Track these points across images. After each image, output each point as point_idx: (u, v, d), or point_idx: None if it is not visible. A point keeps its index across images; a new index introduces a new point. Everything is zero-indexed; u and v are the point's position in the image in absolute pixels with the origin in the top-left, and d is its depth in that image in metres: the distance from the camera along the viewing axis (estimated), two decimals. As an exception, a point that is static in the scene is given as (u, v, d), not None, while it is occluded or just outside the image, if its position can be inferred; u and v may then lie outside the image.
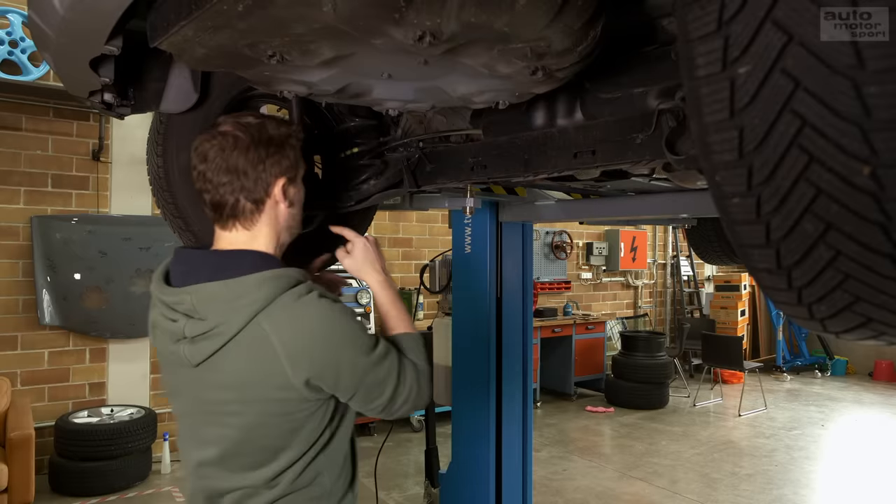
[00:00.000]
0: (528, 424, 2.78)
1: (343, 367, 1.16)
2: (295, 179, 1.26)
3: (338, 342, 1.16)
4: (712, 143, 0.65)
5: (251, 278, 1.14)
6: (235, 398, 1.17)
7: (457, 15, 0.79)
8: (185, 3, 0.91)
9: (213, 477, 1.24)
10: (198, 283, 1.16)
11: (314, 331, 1.14)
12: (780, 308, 0.75)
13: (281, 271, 1.17)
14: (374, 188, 1.72)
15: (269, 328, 1.12)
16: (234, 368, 1.15)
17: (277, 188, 1.22)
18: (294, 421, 1.18)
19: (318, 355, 1.14)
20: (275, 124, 1.23)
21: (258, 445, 1.20)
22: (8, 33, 4.38)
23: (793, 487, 4.80)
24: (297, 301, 1.15)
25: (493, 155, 1.47)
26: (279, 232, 1.26)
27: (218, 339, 1.14)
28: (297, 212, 1.29)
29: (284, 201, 1.24)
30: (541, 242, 7.75)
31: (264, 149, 1.19)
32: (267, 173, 1.20)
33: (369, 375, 1.19)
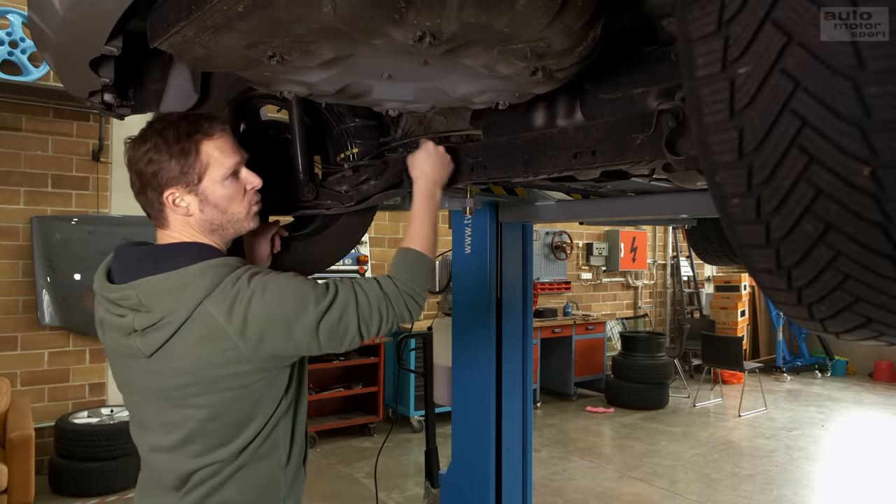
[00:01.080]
0: (528, 425, 2.77)
1: (292, 329, 1.19)
2: (193, 186, 1.23)
3: (279, 310, 1.18)
4: (712, 144, 0.65)
5: (193, 268, 1.19)
6: (194, 381, 1.21)
7: (457, 15, 0.79)
8: (185, 3, 0.91)
9: (179, 460, 1.27)
10: (141, 277, 1.20)
11: (256, 305, 1.17)
12: (779, 308, 0.75)
13: (220, 259, 1.23)
14: (373, 188, 1.72)
15: (215, 310, 1.17)
16: (188, 354, 1.19)
17: (166, 199, 1.23)
18: (254, 392, 1.24)
19: (264, 326, 1.18)
20: (173, 128, 1.22)
21: (224, 422, 1.24)
22: (8, 34, 4.38)
23: (793, 488, 4.80)
24: (238, 281, 1.19)
25: (492, 155, 1.47)
26: (203, 234, 1.28)
27: (167, 329, 1.18)
28: (211, 216, 1.27)
29: (179, 210, 1.24)
30: (541, 243, 7.75)
31: (149, 157, 1.21)
32: (153, 183, 1.23)
33: (323, 326, 1.21)
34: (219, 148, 1.25)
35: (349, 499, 4.45)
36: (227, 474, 1.27)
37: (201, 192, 1.25)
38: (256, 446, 1.28)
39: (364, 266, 6.03)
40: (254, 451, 1.28)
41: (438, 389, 3.04)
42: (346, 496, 4.50)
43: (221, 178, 1.26)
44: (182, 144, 1.22)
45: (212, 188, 1.25)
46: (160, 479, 1.30)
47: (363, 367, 5.88)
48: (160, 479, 1.30)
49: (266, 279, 1.22)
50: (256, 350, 1.19)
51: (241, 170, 1.29)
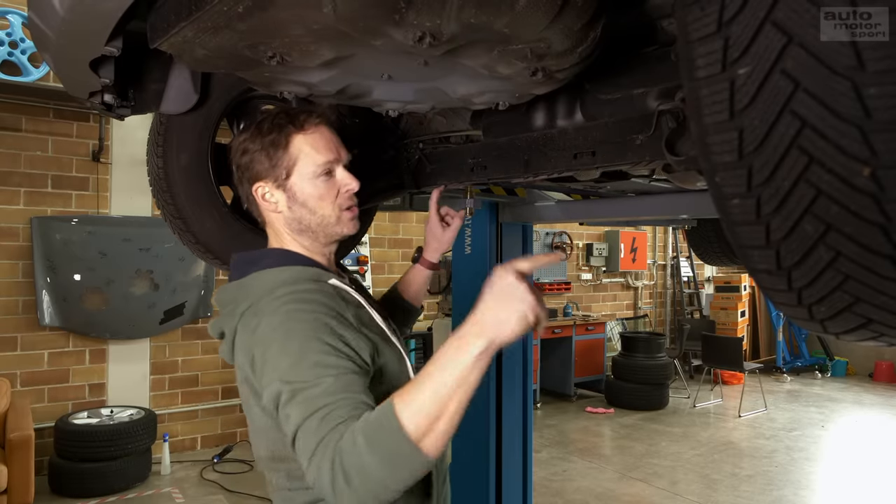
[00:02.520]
0: (528, 425, 2.77)
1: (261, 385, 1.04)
2: (281, 182, 1.19)
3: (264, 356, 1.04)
4: (712, 144, 0.65)
5: (253, 277, 1.16)
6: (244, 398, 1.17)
7: (457, 16, 0.79)
8: (185, 4, 0.91)
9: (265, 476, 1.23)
10: (229, 283, 1.21)
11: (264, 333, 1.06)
12: (779, 309, 0.75)
13: (281, 270, 1.16)
14: (373, 189, 1.72)
15: (242, 334, 1.11)
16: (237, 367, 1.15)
17: (256, 193, 1.22)
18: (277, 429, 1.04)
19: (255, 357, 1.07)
20: (269, 121, 1.20)
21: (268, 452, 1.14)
22: (8, 34, 4.38)
23: (793, 488, 4.80)
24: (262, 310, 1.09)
25: (493, 156, 1.47)
26: (292, 236, 1.23)
27: (227, 340, 1.16)
28: (301, 215, 1.20)
29: (269, 206, 1.21)
30: (541, 243, 7.75)
31: (244, 147, 1.21)
32: (246, 176, 1.22)
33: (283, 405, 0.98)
34: (311, 143, 1.19)
35: (349, 499, 4.45)
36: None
37: (289, 189, 1.19)
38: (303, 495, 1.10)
39: (364, 266, 6.04)
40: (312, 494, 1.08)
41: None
42: (346, 497, 4.50)
43: (312, 175, 1.19)
44: (273, 136, 1.18)
45: (300, 185, 1.19)
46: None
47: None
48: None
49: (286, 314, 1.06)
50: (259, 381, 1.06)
51: (337, 169, 1.21)
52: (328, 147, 1.20)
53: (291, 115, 1.20)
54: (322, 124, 1.21)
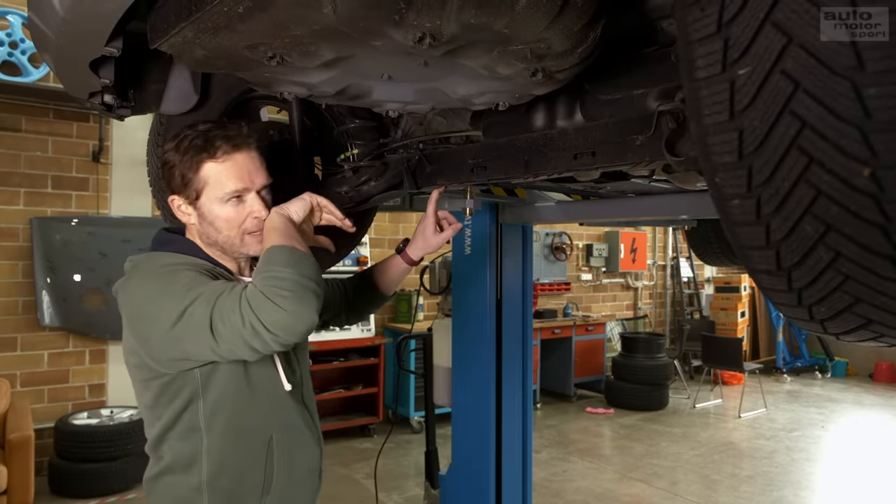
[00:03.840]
0: (528, 426, 2.77)
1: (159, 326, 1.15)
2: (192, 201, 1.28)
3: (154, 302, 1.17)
4: (712, 145, 0.65)
5: (149, 255, 1.31)
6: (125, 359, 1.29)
7: (457, 16, 0.79)
8: (185, 4, 0.91)
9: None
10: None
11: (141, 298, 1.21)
12: (779, 309, 0.75)
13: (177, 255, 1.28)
14: (373, 189, 1.72)
15: (122, 296, 1.24)
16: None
17: (171, 202, 1.32)
18: (149, 388, 1.25)
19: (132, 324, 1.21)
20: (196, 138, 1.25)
21: (140, 409, 1.31)
22: (8, 34, 4.38)
23: (793, 489, 4.79)
24: (134, 268, 1.26)
25: (493, 156, 1.47)
26: (204, 245, 1.33)
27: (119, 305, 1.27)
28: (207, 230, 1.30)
29: (182, 216, 1.32)
30: (541, 244, 7.75)
31: (165, 157, 1.29)
32: (163, 184, 1.36)
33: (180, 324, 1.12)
34: (223, 171, 1.25)
35: (349, 500, 4.45)
36: (155, 472, 1.29)
37: (199, 208, 1.29)
38: (172, 454, 1.26)
39: (364, 266, 6.04)
40: (171, 458, 1.27)
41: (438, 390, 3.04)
42: (346, 497, 4.50)
43: (219, 200, 1.26)
44: (188, 157, 1.25)
45: (208, 206, 1.27)
46: None
47: (363, 367, 5.88)
48: None
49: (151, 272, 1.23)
50: (139, 343, 1.21)
51: (248, 196, 1.28)
52: (239, 176, 1.26)
53: (210, 139, 1.25)
54: (238, 152, 1.26)
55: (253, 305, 1.07)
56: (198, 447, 1.25)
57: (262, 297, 1.07)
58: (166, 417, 1.24)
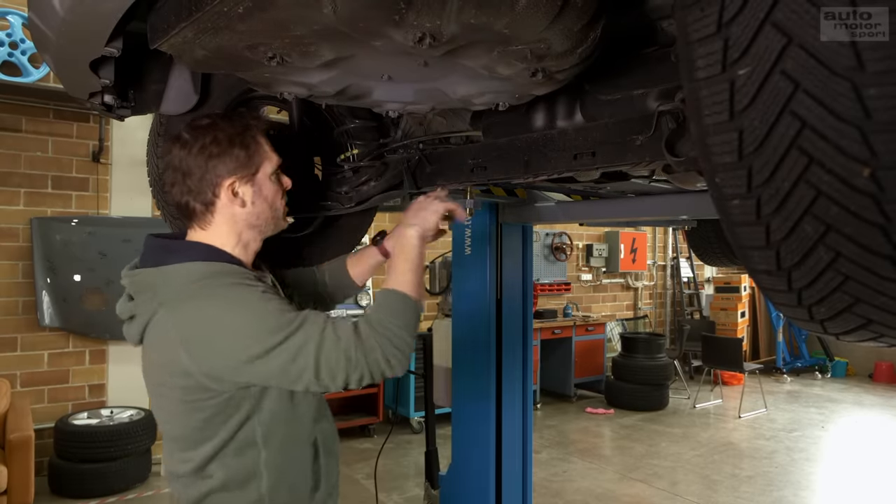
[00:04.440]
0: (528, 426, 2.77)
1: (236, 355, 1.12)
2: (250, 178, 1.25)
3: (229, 331, 1.13)
4: (712, 145, 0.65)
5: (179, 267, 1.19)
6: (159, 381, 1.21)
7: (457, 16, 0.79)
8: (185, 4, 0.91)
9: (168, 455, 1.28)
10: (144, 268, 1.22)
11: (209, 320, 1.14)
12: (779, 310, 0.75)
13: (203, 264, 1.20)
14: (374, 190, 1.72)
15: (171, 318, 1.16)
16: (150, 354, 1.21)
17: (223, 189, 1.23)
18: (201, 409, 1.17)
19: (209, 343, 1.14)
20: (228, 123, 1.25)
21: (181, 431, 1.22)
22: (8, 35, 4.38)
23: (793, 489, 4.79)
24: (203, 291, 1.16)
25: (493, 156, 1.47)
26: (239, 231, 1.27)
27: (138, 323, 1.20)
28: (261, 209, 1.28)
29: (236, 201, 1.25)
30: (541, 244, 7.75)
31: (208, 150, 1.22)
32: (211, 174, 1.22)
33: (276, 358, 1.12)
34: (268, 145, 1.29)
35: (349, 500, 4.45)
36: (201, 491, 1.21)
37: (256, 183, 1.26)
38: (225, 473, 1.20)
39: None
40: (223, 477, 1.20)
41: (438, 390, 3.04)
42: (346, 497, 4.50)
43: (270, 173, 1.29)
44: (244, 135, 1.24)
45: (264, 181, 1.28)
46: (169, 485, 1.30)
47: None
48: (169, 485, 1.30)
49: (231, 296, 1.16)
50: (198, 366, 1.14)
51: (281, 173, 1.33)
52: (274, 151, 1.31)
53: (244, 117, 1.28)
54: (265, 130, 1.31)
55: (368, 360, 1.15)
56: (256, 461, 1.22)
57: (380, 356, 1.16)
58: (221, 435, 1.19)
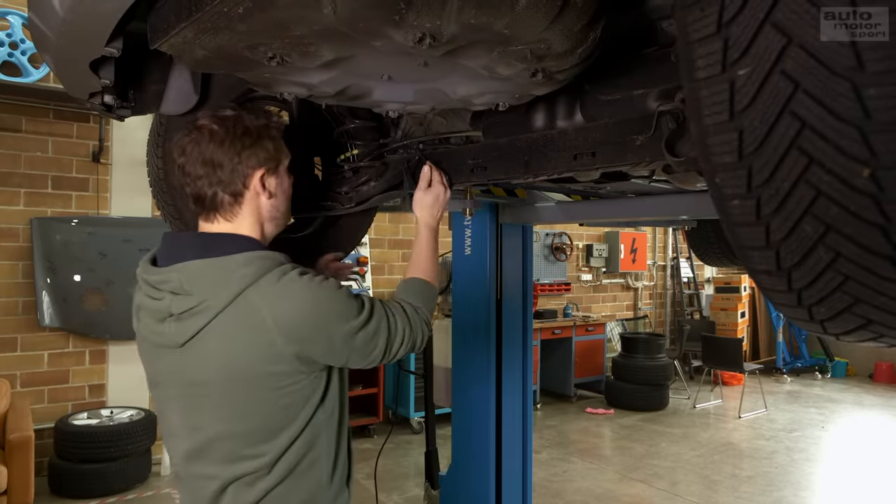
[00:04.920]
0: (528, 426, 2.77)
1: (334, 335, 1.18)
2: (276, 170, 1.27)
3: (326, 313, 1.18)
4: (712, 145, 0.65)
5: (239, 256, 1.17)
6: (225, 375, 1.16)
7: (457, 17, 0.79)
8: (185, 4, 0.91)
9: (208, 467, 1.20)
10: (186, 261, 1.17)
11: (305, 303, 1.16)
12: (779, 310, 0.75)
13: (267, 252, 1.21)
14: (373, 190, 1.72)
15: (260, 301, 1.13)
16: (222, 344, 1.14)
17: (255, 180, 1.23)
18: (287, 395, 1.18)
19: (310, 326, 1.16)
20: (252, 116, 1.25)
21: (253, 426, 1.18)
22: (8, 35, 4.38)
23: (793, 489, 4.79)
24: (284, 276, 1.17)
25: (492, 157, 1.47)
26: (262, 223, 1.28)
27: (206, 315, 1.14)
28: (280, 202, 1.30)
29: (264, 192, 1.25)
30: (541, 244, 7.75)
31: (240, 141, 1.21)
32: (243, 165, 1.22)
33: (359, 337, 1.22)
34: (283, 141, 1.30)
35: (349, 500, 4.45)
36: (262, 489, 1.19)
37: (279, 175, 1.29)
38: (293, 459, 1.21)
39: (364, 267, 6.03)
40: (290, 464, 1.20)
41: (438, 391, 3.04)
42: (346, 498, 4.50)
43: (285, 168, 1.31)
44: (269, 128, 1.26)
45: (284, 174, 1.31)
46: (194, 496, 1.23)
47: (363, 368, 5.87)
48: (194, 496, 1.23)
49: (316, 279, 1.19)
50: (294, 349, 1.15)
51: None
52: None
53: (267, 112, 1.30)
54: None
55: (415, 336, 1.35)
56: (318, 447, 1.25)
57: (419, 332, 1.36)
58: (299, 423, 1.21)
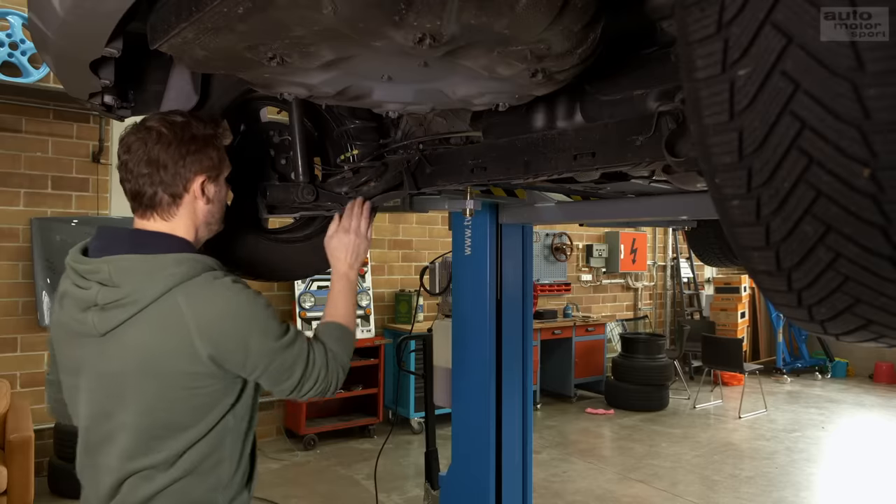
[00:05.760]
0: (528, 426, 2.77)
1: (251, 347, 1.22)
2: (216, 178, 1.34)
3: (248, 323, 1.22)
4: (712, 146, 0.65)
5: (170, 256, 1.22)
6: (139, 368, 1.19)
7: (457, 17, 0.79)
8: (186, 5, 0.91)
9: (110, 458, 1.23)
10: (118, 254, 1.22)
11: (227, 309, 1.21)
12: (779, 310, 0.75)
13: (199, 256, 1.26)
14: (373, 190, 1.72)
15: (184, 301, 1.18)
16: (140, 339, 1.18)
17: (196, 185, 1.30)
18: (197, 396, 1.22)
19: (227, 332, 1.20)
20: (201, 124, 1.31)
21: (159, 420, 1.21)
22: (8, 35, 4.38)
23: (793, 489, 4.79)
24: (214, 282, 1.23)
25: (492, 157, 1.47)
26: (197, 226, 1.33)
27: (130, 308, 1.18)
28: (216, 209, 1.36)
29: (202, 198, 1.31)
30: (541, 244, 7.75)
31: (186, 146, 1.27)
32: (186, 170, 1.27)
33: (276, 359, 1.25)
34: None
35: (349, 500, 4.45)
36: (160, 485, 1.21)
37: (219, 184, 1.35)
38: (196, 458, 1.23)
39: (363, 267, 6.04)
40: (193, 463, 1.23)
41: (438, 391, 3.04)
42: (346, 498, 4.50)
43: (225, 179, 1.37)
44: (216, 138, 1.33)
45: (223, 184, 1.37)
46: (94, 488, 1.26)
47: (363, 368, 5.88)
48: (94, 488, 1.26)
49: (246, 291, 1.25)
50: (209, 352, 1.19)
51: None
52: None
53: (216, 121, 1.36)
54: None
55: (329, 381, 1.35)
56: (223, 449, 1.28)
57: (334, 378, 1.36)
58: (206, 423, 1.23)
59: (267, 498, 4.40)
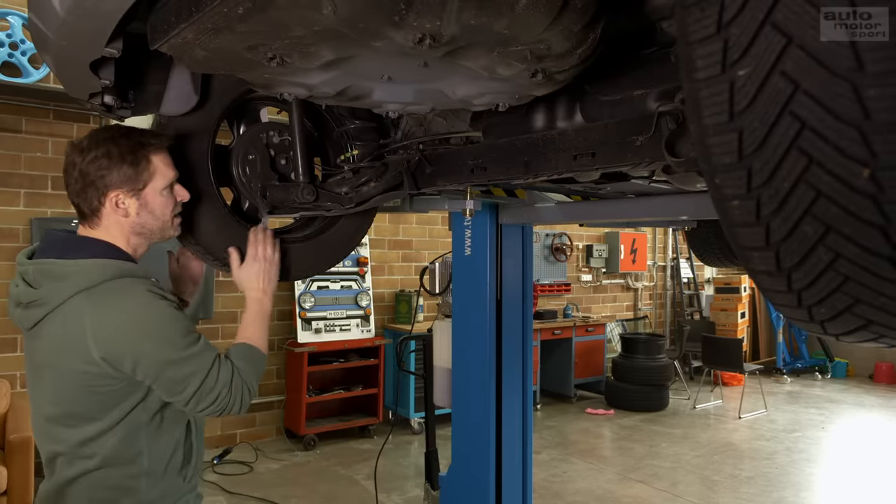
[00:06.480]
0: (528, 426, 2.77)
1: (143, 355, 1.28)
2: (138, 192, 1.37)
3: (143, 331, 1.29)
4: (712, 146, 0.65)
5: (86, 262, 1.32)
6: (50, 364, 1.32)
7: (457, 17, 0.80)
8: (186, 5, 0.91)
9: (45, 435, 1.37)
10: (46, 258, 1.34)
11: (124, 316, 1.29)
12: (779, 310, 0.75)
13: (117, 262, 1.34)
14: (373, 190, 1.72)
15: (87, 305, 1.28)
16: (51, 337, 1.31)
17: (108, 199, 1.36)
18: (98, 394, 1.30)
19: (119, 338, 1.28)
20: (125, 139, 1.35)
21: (68, 410, 1.33)
22: (8, 35, 4.38)
23: (793, 490, 4.79)
24: (122, 289, 1.31)
25: (492, 157, 1.47)
26: (126, 236, 1.40)
27: (44, 308, 1.30)
28: (147, 220, 1.40)
29: (119, 211, 1.37)
30: (541, 244, 7.75)
31: (99, 162, 1.33)
32: (99, 184, 1.35)
33: (170, 370, 1.30)
34: (164, 162, 1.40)
35: (349, 501, 4.45)
36: (81, 469, 1.33)
37: (143, 198, 1.38)
38: (110, 450, 1.32)
39: (364, 268, 6.03)
40: (109, 453, 1.33)
41: (438, 391, 3.04)
42: (346, 498, 4.50)
43: (161, 188, 1.40)
44: (135, 153, 1.36)
45: (152, 195, 1.40)
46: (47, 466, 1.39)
47: (363, 368, 5.88)
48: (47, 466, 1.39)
49: (156, 301, 1.32)
50: (101, 355, 1.26)
51: (176, 185, 1.44)
52: (171, 166, 1.43)
53: (144, 135, 1.40)
54: (164, 147, 1.42)
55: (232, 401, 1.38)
56: (140, 441, 1.35)
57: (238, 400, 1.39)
58: (112, 417, 1.32)
59: (267, 498, 4.40)
